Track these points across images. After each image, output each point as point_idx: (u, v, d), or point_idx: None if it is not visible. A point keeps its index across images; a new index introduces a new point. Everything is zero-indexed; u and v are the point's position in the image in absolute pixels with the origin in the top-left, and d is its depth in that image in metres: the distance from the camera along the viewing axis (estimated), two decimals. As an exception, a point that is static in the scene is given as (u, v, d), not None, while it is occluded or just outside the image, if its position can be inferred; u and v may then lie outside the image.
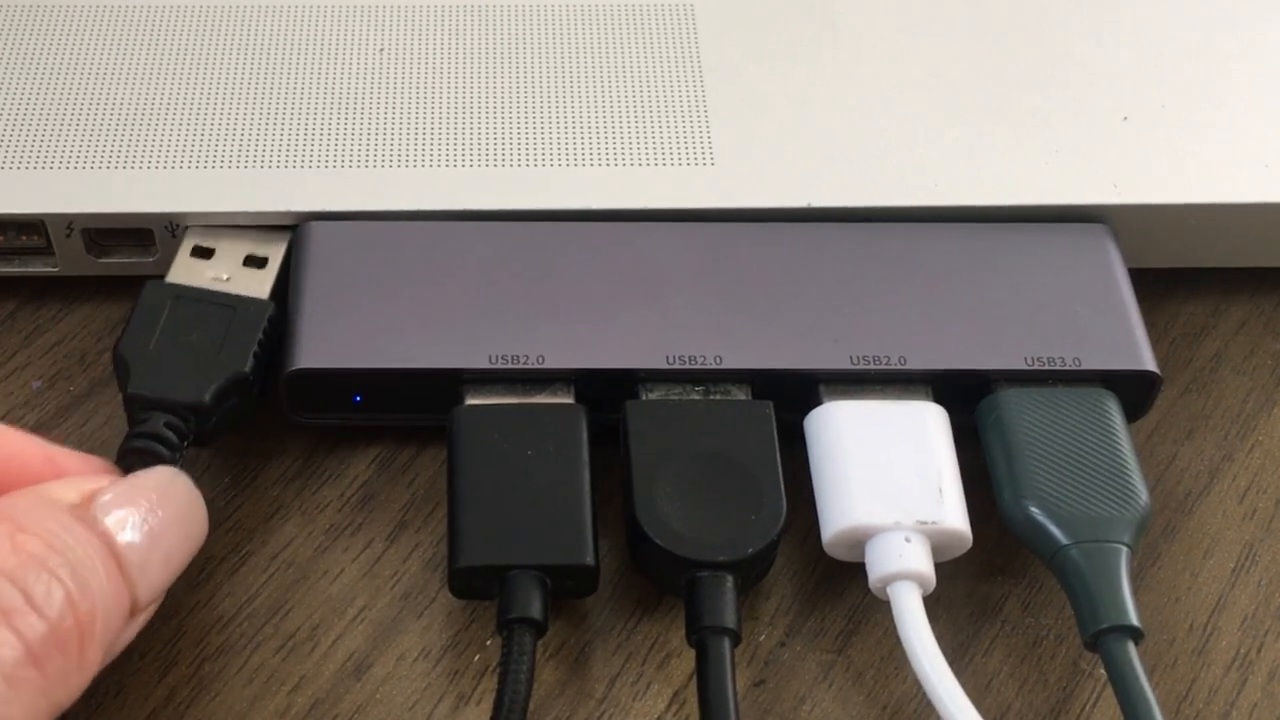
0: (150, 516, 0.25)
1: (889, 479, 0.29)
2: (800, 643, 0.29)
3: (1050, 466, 0.29)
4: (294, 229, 0.32)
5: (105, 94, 0.34)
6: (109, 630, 0.24)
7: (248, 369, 0.29)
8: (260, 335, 0.30)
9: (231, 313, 0.30)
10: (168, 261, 0.32)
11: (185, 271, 0.31)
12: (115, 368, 0.29)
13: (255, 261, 0.31)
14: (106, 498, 0.25)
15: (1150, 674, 0.27)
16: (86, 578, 0.24)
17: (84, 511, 0.25)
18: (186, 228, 0.32)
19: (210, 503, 0.30)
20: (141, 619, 0.26)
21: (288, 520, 0.30)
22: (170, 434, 0.28)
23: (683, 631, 0.28)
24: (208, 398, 0.29)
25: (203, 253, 0.31)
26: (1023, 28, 0.37)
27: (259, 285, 0.31)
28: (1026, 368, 0.30)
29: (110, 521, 0.25)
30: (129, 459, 0.28)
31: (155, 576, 0.25)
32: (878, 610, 0.30)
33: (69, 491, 0.25)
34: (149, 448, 0.28)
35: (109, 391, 0.32)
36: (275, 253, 0.32)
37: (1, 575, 0.23)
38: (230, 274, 0.31)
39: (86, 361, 0.32)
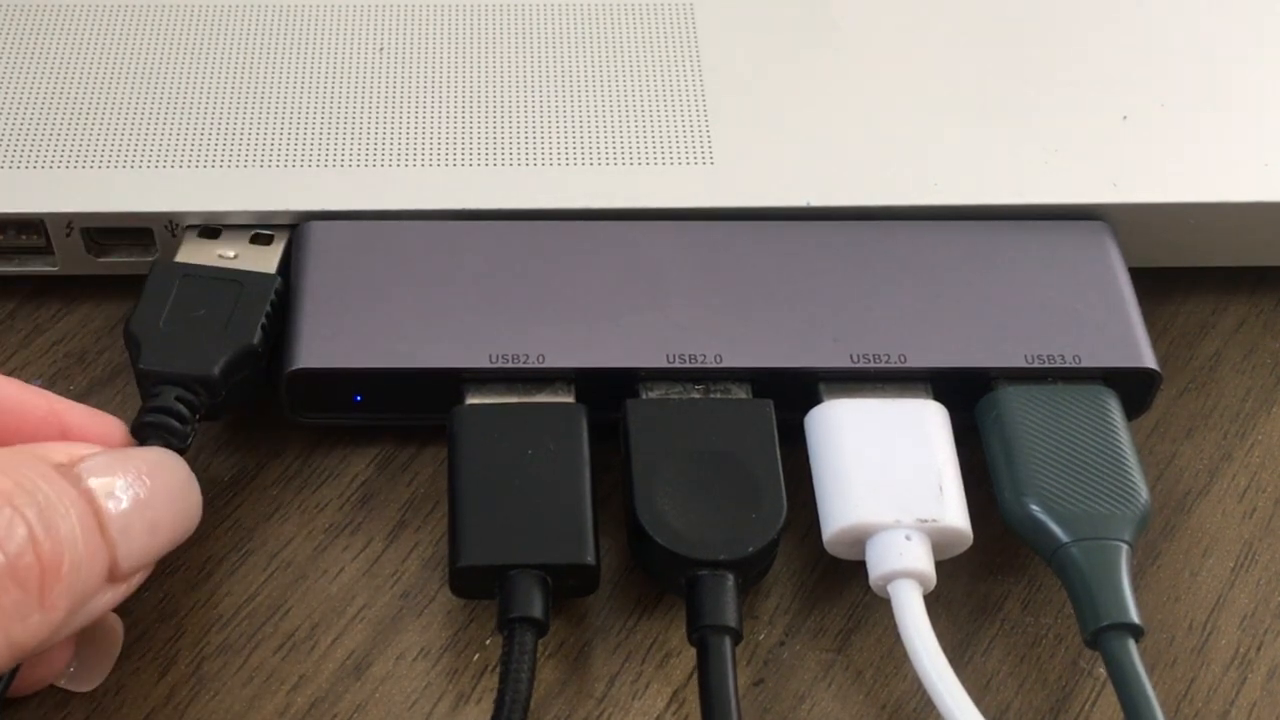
0: (137, 484, 0.25)
1: (889, 477, 0.29)
2: (800, 641, 0.29)
3: (1050, 464, 0.29)
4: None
5: (105, 94, 0.34)
6: (80, 582, 0.24)
7: (255, 341, 0.30)
8: (267, 308, 0.30)
9: (239, 288, 0.30)
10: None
11: (193, 251, 0.31)
12: (126, 345, 0.30)
13: (261, 239, 0.32)
14: (92, 461, 0.25)
15: (1150, 672, 0.27)
16: (55, 521, 0.23)
17: (68, 470, 0.25)
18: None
19: (210, 502, 0.30)
20: (124, 589, 0.26)
21: (287, 519, 0.30)
22: (182, 408, 0.28)
23: (683, 630, 0.28)
24: (217, 370, 0.29)
25: (210, 233, 0.32)
26: (1023, 27, 0.37)
27: (265, 261, 0.31)
28: (1027, 365, 0.30)
29: (94, 482, 0.25)
30: (144, 433, 0.28)
31: (138, 543, 0.25)
32: (878, 609, 0.30)
33: (58, 453, 0.25)
34: (161, 421, 0.28)
35: (109, 390, 0.32)
36: (281, 230, 0.32)
37: None
38: (237, 251, 0.31)
39: (86, 361, 0.32)
